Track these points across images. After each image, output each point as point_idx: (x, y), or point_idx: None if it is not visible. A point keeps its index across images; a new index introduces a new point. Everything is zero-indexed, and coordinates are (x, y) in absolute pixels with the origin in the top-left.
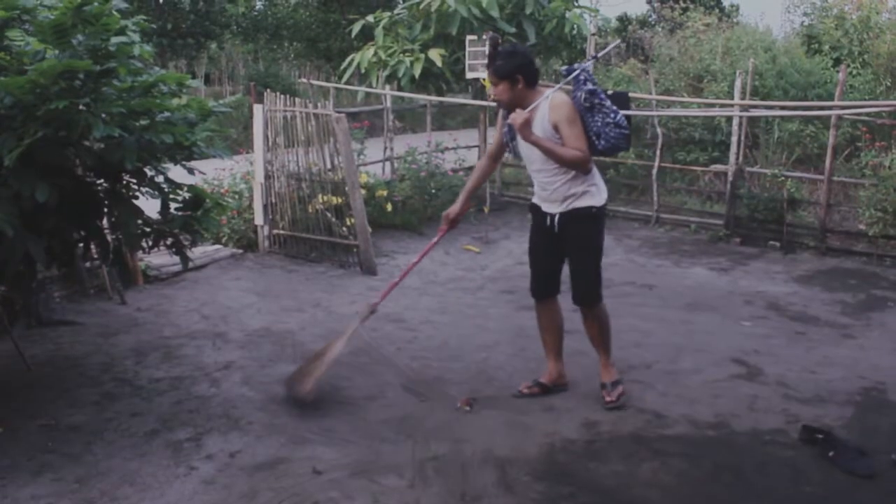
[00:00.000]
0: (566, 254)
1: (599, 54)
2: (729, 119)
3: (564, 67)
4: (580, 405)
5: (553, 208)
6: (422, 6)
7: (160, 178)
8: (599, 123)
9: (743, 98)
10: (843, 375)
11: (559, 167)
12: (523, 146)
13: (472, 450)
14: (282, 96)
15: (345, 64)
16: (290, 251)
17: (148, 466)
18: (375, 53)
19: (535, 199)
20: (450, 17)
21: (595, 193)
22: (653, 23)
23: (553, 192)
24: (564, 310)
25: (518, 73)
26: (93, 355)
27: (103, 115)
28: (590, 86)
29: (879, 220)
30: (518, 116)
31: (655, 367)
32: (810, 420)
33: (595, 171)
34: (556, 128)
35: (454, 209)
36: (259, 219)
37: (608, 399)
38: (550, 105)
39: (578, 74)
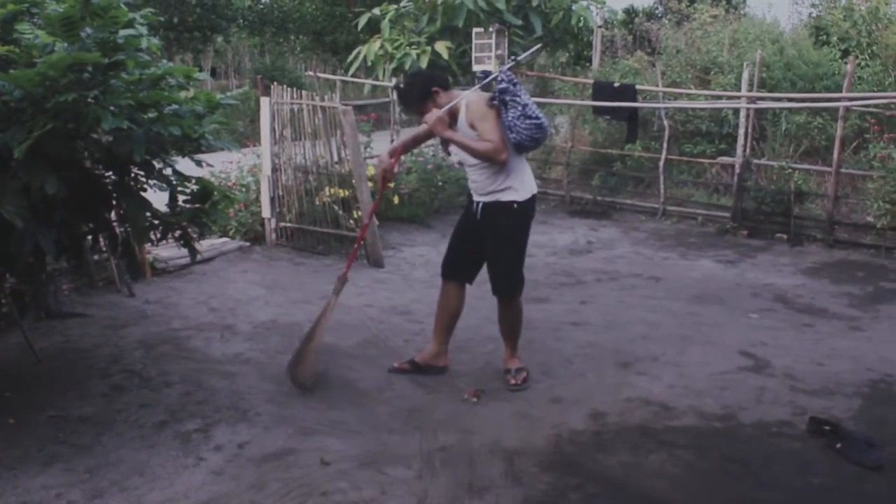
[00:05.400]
0: (486, 244)
1: (520, 57)
2: (736, 111)
3: (481, 71)
4: (587, 397)
5: (478, 198)
6: None
7: (168, 171)
8: (511, 117)
9: (750, 90)
10: (851, 367)
11: (483, 162)
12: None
13: (480, 441)
14: (288, 89)
15: (351, 57)
16: (297, 244)
17: (157, 457)
18: (382, 46)
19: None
20: (456, 9)
21: (519, 189)
22: (659, 15)
23: (479, 185)
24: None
25: (430, 87)
26: (102, 347)
27: (112, 108)
28: (503, 84)
29: (888, 212)
30: (431, 116)
31: (662, 358)
32: (818, 412)
33: (524, 168)
34: (472, 126)
35: (386, 159)
36: (266, 211)
37: (513, 382)
38: (466, 105)
39: (496, 76)
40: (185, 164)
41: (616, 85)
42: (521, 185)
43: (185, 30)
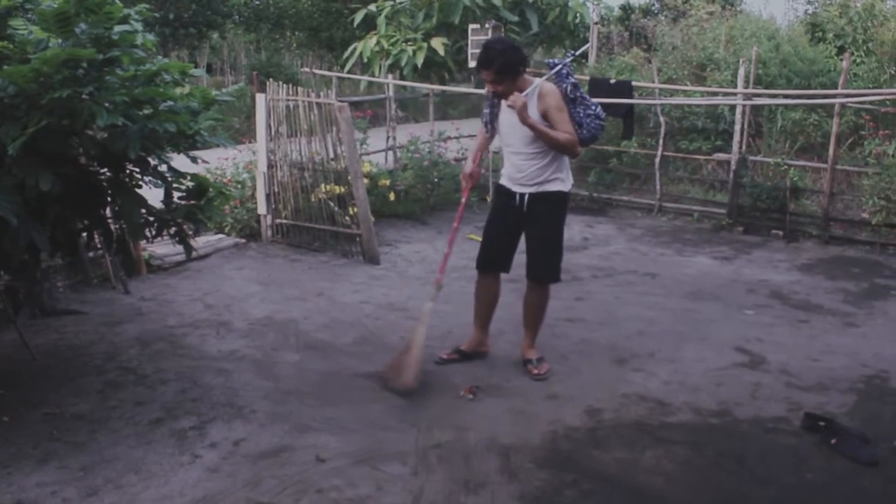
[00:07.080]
0: (526, 233)
1: (577, 52)
2: (732, 108)
3: (549, 60)
4: (583, 393)
5: (523, 189)
6: None
7: (163, 167)
8: (582, 114)
9: (746, 86)
10: (846, 363)
11: (537, 152)
12: (506, 128)
13: (476, 437)
14: (284, 86)
15: (347, 53)
16: (292, 240)
17: (152, 454)
18: (378, 43)
19: (502, 180)
20: (452, 5)
21: (564, 180)
22: (656, 11)
23: (526, 175)
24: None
25: (520, 66)
26: (97, 344)
27: (106, 104)
28: (572, 79)
29: (883, 208)
30: (518, 100)
31: (658, 355)
32: (813, 408)
33: (566, 159)
34: (544, 115)
35: (469, 166)
36: (262, 208)
37: (535, 372)
38: (539, 94)
39: (561, 69)
40: (180, 161)
41: (612, 81)
42: (567, 175)
43: (180, 26)
